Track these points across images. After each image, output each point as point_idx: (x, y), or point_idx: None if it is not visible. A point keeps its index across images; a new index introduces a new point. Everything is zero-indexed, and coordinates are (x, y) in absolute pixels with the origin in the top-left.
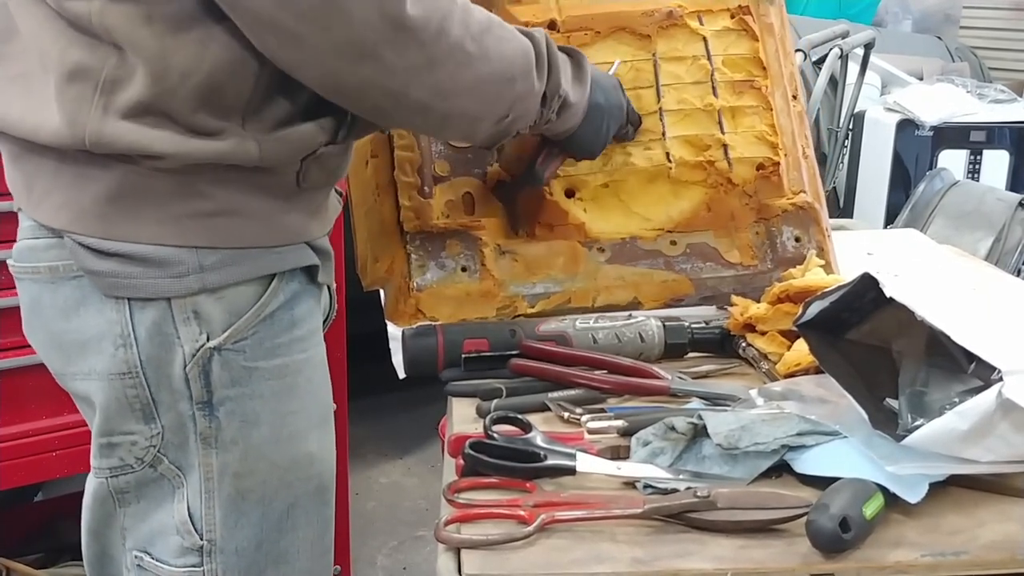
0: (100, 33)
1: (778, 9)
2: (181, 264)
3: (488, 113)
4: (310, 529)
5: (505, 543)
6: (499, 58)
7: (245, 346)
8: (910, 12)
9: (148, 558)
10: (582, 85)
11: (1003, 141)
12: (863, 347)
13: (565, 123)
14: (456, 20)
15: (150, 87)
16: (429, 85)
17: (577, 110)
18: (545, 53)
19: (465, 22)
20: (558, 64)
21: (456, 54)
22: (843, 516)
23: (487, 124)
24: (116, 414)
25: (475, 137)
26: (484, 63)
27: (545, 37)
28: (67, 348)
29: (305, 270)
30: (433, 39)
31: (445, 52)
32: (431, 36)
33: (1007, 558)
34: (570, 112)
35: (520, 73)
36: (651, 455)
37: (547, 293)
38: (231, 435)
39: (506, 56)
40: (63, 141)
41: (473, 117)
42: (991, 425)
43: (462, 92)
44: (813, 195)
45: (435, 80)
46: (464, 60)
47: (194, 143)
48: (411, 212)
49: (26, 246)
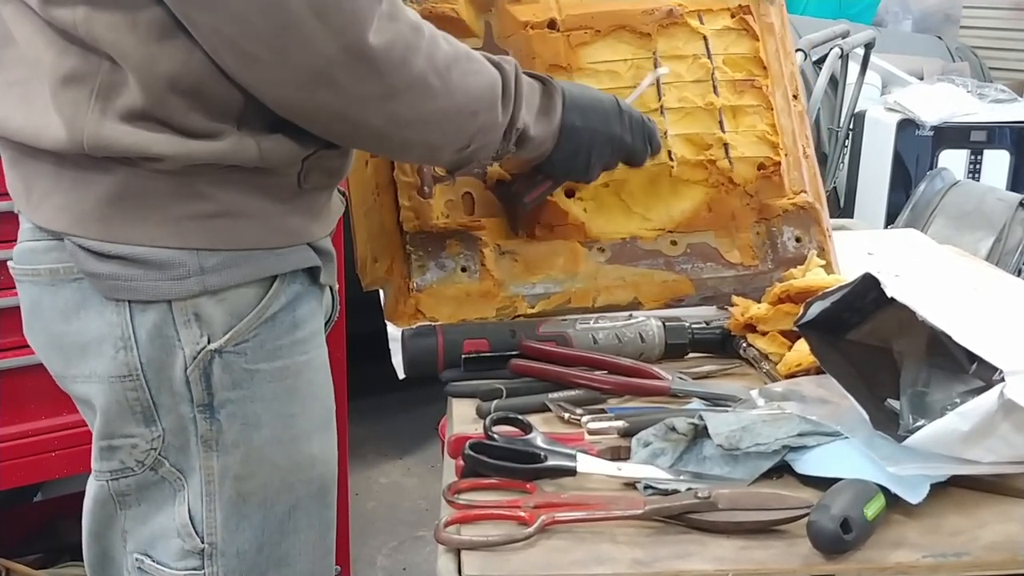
0: (87, 41)
1: (778, 9)
2: (182, 266)
3: (448, 144)
4: (311, 531)
5: (505, 544)
6: (463, 92)
7: (246, 348)
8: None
9: (149, 561)
10: (548, 118)
11: (1003, 141)
12: (864, 347)
13: (530, 153)
14: (421, 53)
15: (142, 93)
16: (386, 114)
17: (541, 142)
18: (512, 86)
19: (431, 55)
20: (523, 97)
21: (417, 86)
22: (844, 517)
23: (447, 153)
24: (117, 417)
25: (437, 163)
26: (447, 97)
27: (515, 69)
28: (67, 350)
29: (307, 271)
30: (394, 70)
31: (406, 84)
32: (392, 67)
33: (1008, 559)
34: (532, 144)
35: (484, 107)
36: (652, 456)
37: (547, 293)
38: (232, 438)
39: (471, 90)
40: (63, 146)
41: (433, 146)
42: (992, 426)
43: (421, 123)
44: (814, 195)
45: (393, 110)
46: (426, 93)
47: (193, 144)
48: (411, 212)
49: (26, 248)
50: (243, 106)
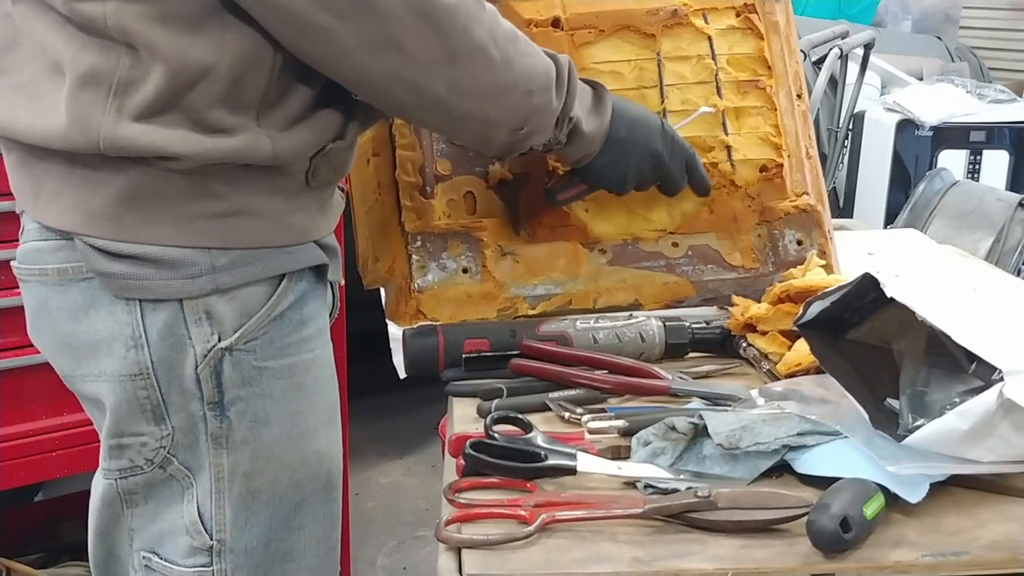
0: (115, 35)
1: (784, 7)
2: (194, 265)
3: (505, 120)
4: (317, 527)
5: (506, 543)
6: (520, 68)
7: (256, 346)
8: (910, 12)
9: (156, 559)
10: (599, 117)
11: (1003, 141)
12: (864, 347)
13: (578, 151)
14: (483, 24)
15: (167, 86)
16: (449, 80)
17: (591, 139)
18: (566, 75)
19: (491, 28)
20: (576, 90)
21: (478, 55)
22: (844, 516)
23: (503, 132)
24: (127, 415)
25: (490, 144)
26: (505, 70)
27: (569, 63)
28: (76, 350)
29: (313, 269)
30: (456, 34)
31: (468, 50)
32: (455, 31)
33: (1008, 558)
34: (583, 140)
35: (539, 87)
36: (652, 455)
37: (548, 295)
38: (242, 435)
39: (527, 68)
40: (76, 145)
41: (490, 122)
42: (992, 425)
43: (480, 94)
44: (816, 196)
45: (455, 76)
46: (486, 63)
47: (209, 142)
48: (412, 213)
49: (32, 248)
50: (265, 98)
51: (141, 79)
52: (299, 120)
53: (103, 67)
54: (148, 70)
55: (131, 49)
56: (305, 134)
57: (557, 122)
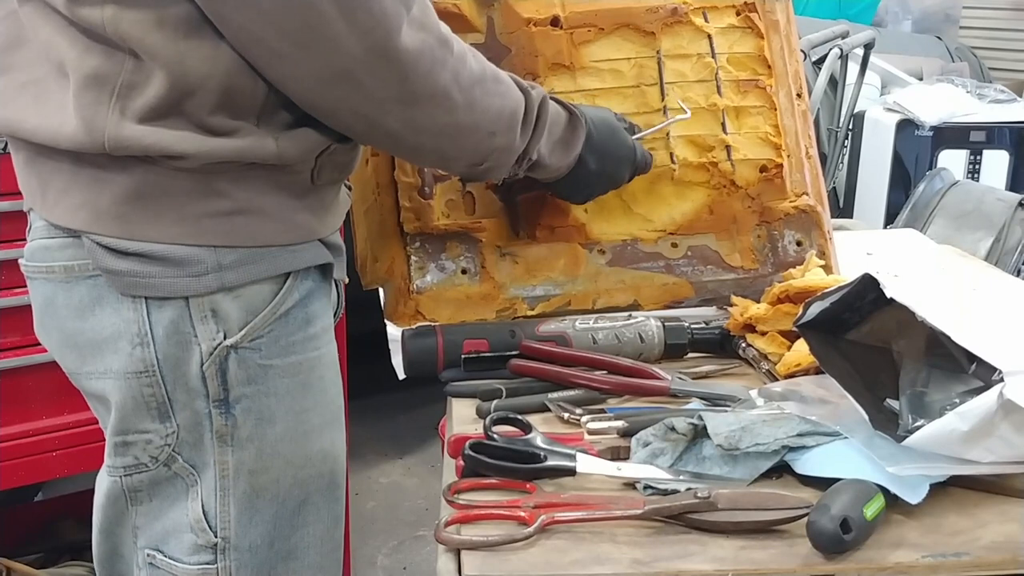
0: (115, 40)
1: (784, 6)
2: (200, 263)
3: (462, 157)
4: (320, 525)
5: (505, 544)
6: (484, 111)
7: (261, 344)
8: (910, 12)
9: (161, 556)
10: (567, 151)
11: (1003, 141)
12: (863, 347)
13: (540, 176)
14: (448, 68)
15: (168, 91)
16: (404, 119)
17: (555, 171)
18: (535, 114)
19: (456, 72)
20: (544, 127)
21: (439, 99)
22: (844, 517)
23: (461, 164)
24: (132, 413)
25: (448, 171)
26: (467, 113)
27: (542, 98)
28: (82, 347)
29: (319, 267)
30: (418, 78)
31: (428, 93)
32: (417, 75)
33: (1008, 559)
34: (546, 172)
35: (503, 128)
36: (651, 456)
37: (547, 295)
38: (247, 433)
39: (492, 110)
40: (82, 145)
41: (446, 156)
42: (992, 426)
43: (437, 133)
44: (816, 196)
45: (411, 116)
46: (447, 106)
47: (214, 142)
48: (411, 213)
49: (39, 246)
50: (264, 103)
51: (144, 83)
52: (301, 122)
53: (106, 70)
54: (150, 74)
55: (133, 54)
56: (309, 134)
57: (518, 160)
